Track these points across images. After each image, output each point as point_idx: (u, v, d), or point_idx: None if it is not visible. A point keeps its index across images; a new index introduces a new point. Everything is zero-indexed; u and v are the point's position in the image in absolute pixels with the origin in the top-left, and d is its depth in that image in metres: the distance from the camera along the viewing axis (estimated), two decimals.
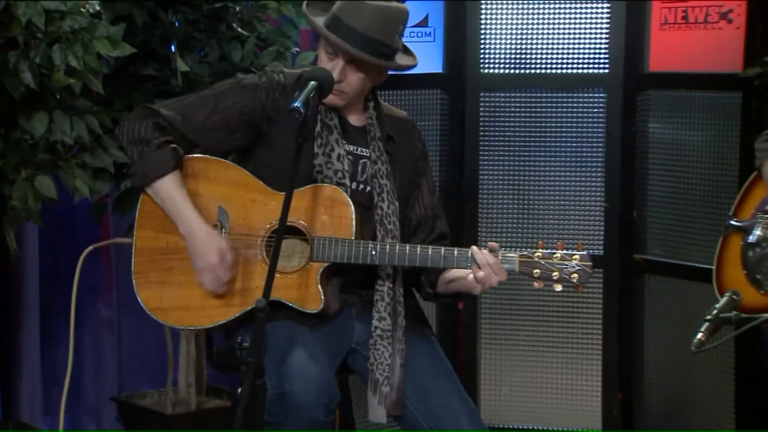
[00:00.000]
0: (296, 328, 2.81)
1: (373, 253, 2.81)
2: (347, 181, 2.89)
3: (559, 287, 2.77)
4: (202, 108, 2.92)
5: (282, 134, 2.88)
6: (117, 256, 4.17)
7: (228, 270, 2.83)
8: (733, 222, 3.20)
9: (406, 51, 3.01)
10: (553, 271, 2.77)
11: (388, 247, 2.81)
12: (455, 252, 2.79)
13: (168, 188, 2.86)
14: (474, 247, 2.78)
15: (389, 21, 2.89)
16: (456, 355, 4.18)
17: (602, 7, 4.11)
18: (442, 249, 2.81)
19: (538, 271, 2.77)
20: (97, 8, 3.35)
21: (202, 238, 2.84)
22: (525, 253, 2.78)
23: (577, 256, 2.77)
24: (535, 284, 2.78)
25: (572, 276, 2.77)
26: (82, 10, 3.30)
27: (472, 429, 2.79)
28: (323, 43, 2.91)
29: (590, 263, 2.77)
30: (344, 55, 2.85)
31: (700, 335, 2.66)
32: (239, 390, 2.45)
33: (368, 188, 2.92)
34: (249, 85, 2.94)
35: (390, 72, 2.98)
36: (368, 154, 2.93)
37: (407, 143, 3.03)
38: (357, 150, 2.93)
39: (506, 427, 4.20)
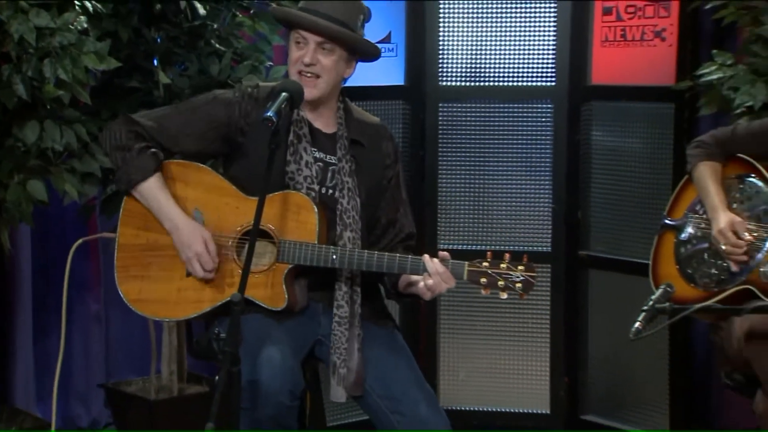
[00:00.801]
0: (266, 321, 2.80)
1: (334, 257, 2.79)
2: (316, 187, 2.87)
3: (504, 295, 2.75)
4: (178, 119, 2.91)
5: (255, 143, 2.86)
6: (104, 255, 4.15)
7: (214, 256, 2.82)
8: (667, 221, 3.22)
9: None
10: (499, 280, 2.74)
11: (347, 252, 2.80)
12: (409, 260, 2.78)
13: (151, 190, 2.85)
14: (426, 256, 2.77)
15: (349, 8, 2.89)
16: (417, 344, 4.17)
17: (549, 26, 4.12)
18: (397, 256, 2.79)
19: (485, 279, 2.75)
20: (85, 25, 3.33)
21: (187, 231, 2.83)
22: (473, 262, 2.76)
23: (522, 266, 2.74)
24: (482, 291, 2.76)
25: (516, 285, 2.74)
26: (71, 27, 3.28)
27: (430, 413, 2.78)
28: (293, 35, 2.88)
29: (535, 274, 2.75)
30: (314, 36, 2.84)
31: (637, 324, 2.61)
32: (217, 377, 2.45)
33: (336, 193, 2.90)
34: (223, 99, 2.93)
35: (355, 84, 2.96)
36: (335, 162, 2.91)
37: (376, 148, 2.99)
38: (326, 157, 2.91)
39: (463, 409, 4.20)
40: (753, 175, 3.08)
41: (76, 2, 3.33)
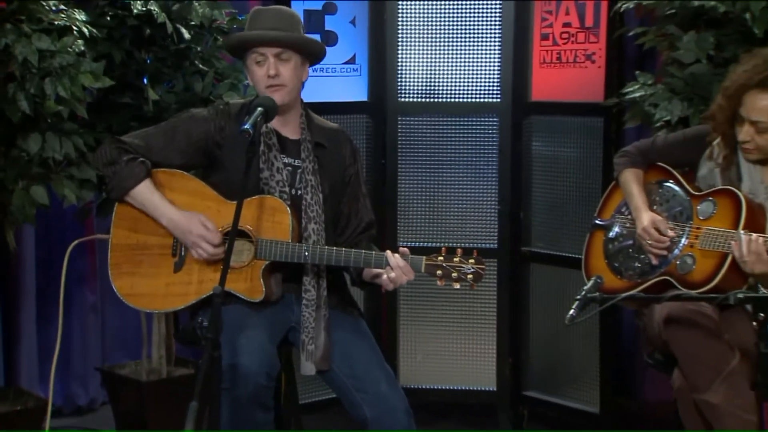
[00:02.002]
0: (244, 310, 2.80)
1: (306, 254, 2.79)
2: (287, 189, 2.87)
3: (457, 285, 2.76)
4: (162, 137, 2.89)
5: (230, 154, 2.86)
6: (100, 252, 4.14)
7: (216, 233, 2.80)
8: (597, 221, 3.21)
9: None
10: (453, 272, 2.75)
11: (318, 249, 2.80)
12: (373, 255, 2.79)
13: (144, 192, 2.83)
14: (388, 252, 2.77)
15: (286, 17, 2.90)
16: (380, 330, 4.16)
17: (494, 50, 4.11)
18: (363, 252, 2.80)
19: (440, 272, 2.76)
20: (82, 48, 3.33)
21: (183, 220, 2.81)
22: (430, 257, 2.76)
23: (472, 260, 2.75)
24: (438, 282, 2.77)
25: (468, 276, 2.75)
26: (70, 49, 3.28)
27: (389, 391, 2.79)
28: (252, 57, 2.86)
29: (483, 266, 2.76)
30: (272, 48, 2.82)
31: (572, 311, 2.61)
32: (200, 361, 2.46)
33: (302, 191, 2.89)
34: (199, 117, 2.92)
35: (323, 100, 2.94)
36: (300, 164, 2.90)
37: (337, 150, 2.98)
38: (294, 161, 2.91)
39: (420, 387, 4.18)
40: (670, 181, 3.09)
41: (74, 27, 3.32)
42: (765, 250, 2.77)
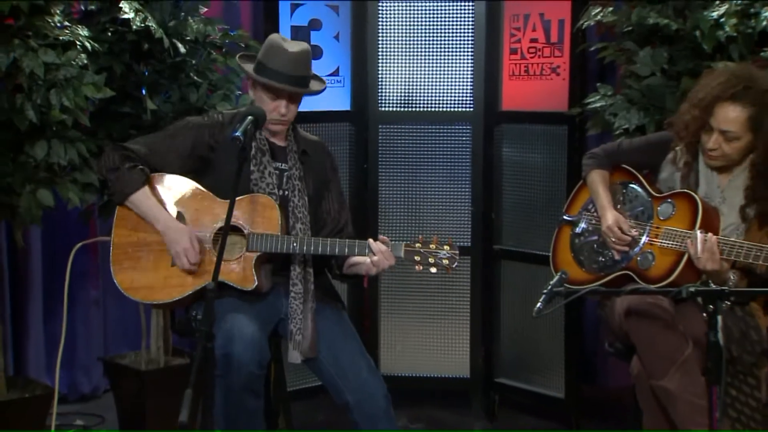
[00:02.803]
0: (237, 303, 2.81)
1: (294, 245, 2.82)
2: (276, 190, 2.90)
3: (434, 270, 2.78)
4: (162, 144, 2.92)
5: (224, 158, 2.88)
6: (102, 251, 4.13)
7: (197, 252, 2.82)
8: (565, 217, 3.19)
9: (316, 77, 3.02)
10: (429, 257, 2.78)
11: (306, 240, 2.82)
12: (356, 243, 2.81)
13: (142, 199, 2.85)
14: (370, 239, 2.80)
15: (304, 60, 2.90)
16: (362, 322, 4.16)
17: (467, 63, 4.12)
18: (347, 241, 2.82)
19: (418, 257, 2.78)
20: (85, 61, 3.31)
21: (176, 230, 2.84)
22: (408, 243, 2.79)
23: (447, 247, 2.78)
24: (416, 267, 2.79)
25: (443, 261, 2.78)
26: (73, 62, 3.27)
27: (370, 378, 2.81)
28: (263, 89, 2.87)
29: (457, 252, 2.79)
30: (286, 95, 2.86)
31: (539, 305, 2.61)
32: (195, 351, 2.46)
33: (289, 194, 2.91)
34: (195, 125, 2.95)
35: (310, 110, 2.95)
36: (288, 168, 2.93)
37: (318, 158, 3.03)
38: (281, 166, 2.93)
39: (399, 375, 4.18)
40: (634, 183, 3.10)
41: (78, 42, 3.31)
42: (718, 250, 2.78)
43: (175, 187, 2.90)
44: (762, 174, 2.87)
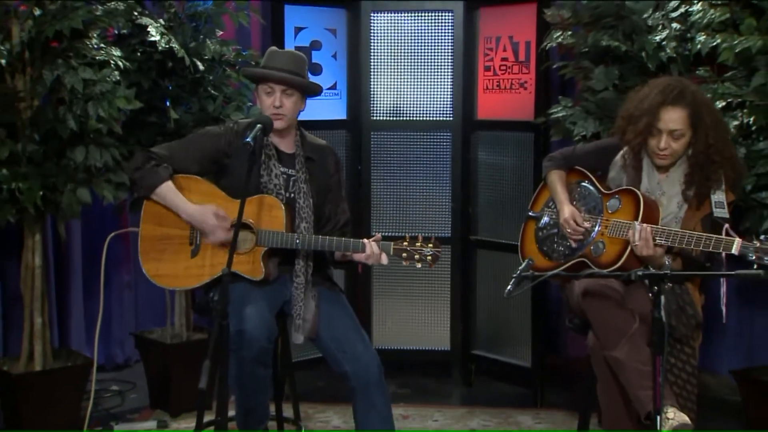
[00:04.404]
0: (248, 287, 2.80)
1: (297, 241, 2.79)
2: (283, 192, 2.87)
3: (419, 265, 2.76)
4: (182, 149, 2.89)
5: (237, 162, 2.85)
6: (133, 241, 4.12)
7: (227, 220, 2.78)
8: (530, 213, 3.18)
9: (313, 83, 2.99)
10: (415, 254, 2.76)
11: (307, 237, 2.80)
12: (352, 241, 2.79)
13: (167, 191, 2.82)
14: (365, 239, 2.78)
15: (296, 59, 2.88)
16: (357, 302, 4.15)
17: (448, 78, 4.12)
18: (344, 239, 2.80)
19: (405, 254, 2.76)
20: (118, 78, 3.32)
21: (200, 213, 2.80)
22: (397, 242, 2.77)
23: (431, 245, 2.76)
24: (403, 263, 2.77)
25: (427, 258, 2.76)
26: (108, 79, 3.28)
27: (364, 350, 2.80)
28: (263, 87, 2.85)
29: (440, 249, 2.76)
30: (278, 85, 2.81)
31: (509, 287, 2.59)
32: (213, 328, 2.47)
33: (295, 196, 2.88)
34: (213, 133, 2.91)
35: (312, 119, 2.90)
36: (294, 173, 2.91)
37: (323, 162, 2.97)
38: (288, 171, 2.90)
39: (390, 348, 4.18)
40: (586, 181, 3.09)
41: (112, 61, 3.32)
42: (651, 238, 2.80)
43: (193, 188, 2.87)
44: (699, 164, 2.87)
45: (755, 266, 2.61)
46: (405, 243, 2.76)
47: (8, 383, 3.38)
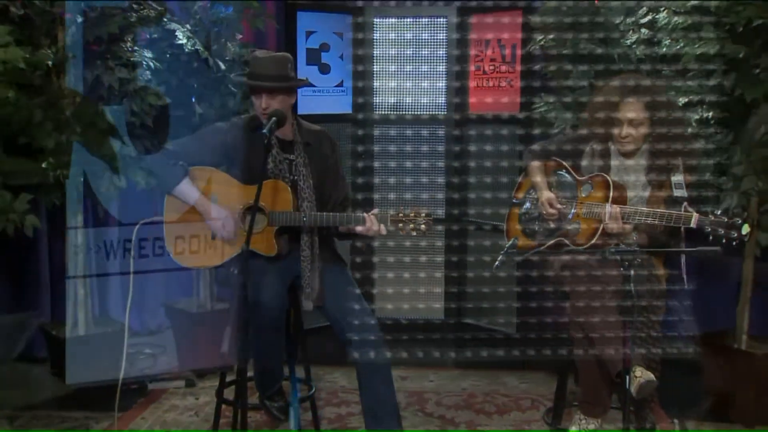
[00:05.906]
0: (264, 263, 2.81)
1: (304, 219, 2.79)
2: (288, 175, 2.85)
3: (414, 233, 2.76)
4: (195, 144, 2.88)
5: (245, 152, 2.84)
6: (161, 225, 4.11)
7: (232, 225, 2.80)
8: (514, 200, 3.20)
9: (300, 79, 2.93)
10: (409, 224, 2.76)
11: (313, 214, 2.80)
12: (353, 216, 2.79)
13: (184, 189, 2.82)
14: (365, 213, 2.78)
15: (277, 62, 2.80)
16: (360, 275, 4.12)
17: (443, 77, 4.12)
18: (345, 214, 2.79)
19: (401, 224, 2.76)
20: (149, 77, 3.33)
21: (213, 212, 2.81)
22: (393, 214, 2.77)
23: (423, 215, 2.76)
24: (400, 232, 2.77)
25: (421, 227, 2.76)
26: (140, 78, 3.29)
27: (367, 318, 2.81)
28: (251, 92, 2.84)
29: (432, 219, 2.76)
30: (262, 91, 2.78)
31: (497, 263, 2.68)
32: (233, 299, 2.51)
33: (297, 178, 2.87)
34: (221, 128, 2.89)
35: (320, 113, 2.83)
36: (294, 158, 2.88)
37: (320, 146, 2.92)
38: (289, 156, 2.88)
39: (390, 318, 4.17)
40: (563, 170, 3.09)
41: (144, 62, 3.32)
42: (620, 217, 2.82)
43: (208, 177, 2.86)
44: (659, 150, 2.88)
45: (710, 238, 2.65)
46: (401, 215, 2.77)
47: (57, 345, 3.45)
